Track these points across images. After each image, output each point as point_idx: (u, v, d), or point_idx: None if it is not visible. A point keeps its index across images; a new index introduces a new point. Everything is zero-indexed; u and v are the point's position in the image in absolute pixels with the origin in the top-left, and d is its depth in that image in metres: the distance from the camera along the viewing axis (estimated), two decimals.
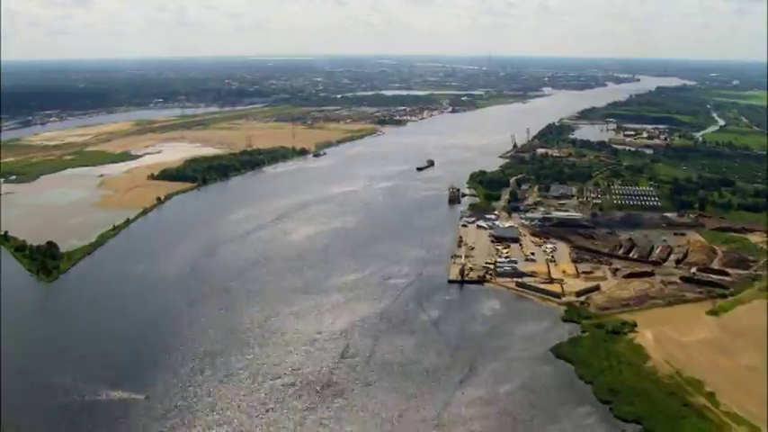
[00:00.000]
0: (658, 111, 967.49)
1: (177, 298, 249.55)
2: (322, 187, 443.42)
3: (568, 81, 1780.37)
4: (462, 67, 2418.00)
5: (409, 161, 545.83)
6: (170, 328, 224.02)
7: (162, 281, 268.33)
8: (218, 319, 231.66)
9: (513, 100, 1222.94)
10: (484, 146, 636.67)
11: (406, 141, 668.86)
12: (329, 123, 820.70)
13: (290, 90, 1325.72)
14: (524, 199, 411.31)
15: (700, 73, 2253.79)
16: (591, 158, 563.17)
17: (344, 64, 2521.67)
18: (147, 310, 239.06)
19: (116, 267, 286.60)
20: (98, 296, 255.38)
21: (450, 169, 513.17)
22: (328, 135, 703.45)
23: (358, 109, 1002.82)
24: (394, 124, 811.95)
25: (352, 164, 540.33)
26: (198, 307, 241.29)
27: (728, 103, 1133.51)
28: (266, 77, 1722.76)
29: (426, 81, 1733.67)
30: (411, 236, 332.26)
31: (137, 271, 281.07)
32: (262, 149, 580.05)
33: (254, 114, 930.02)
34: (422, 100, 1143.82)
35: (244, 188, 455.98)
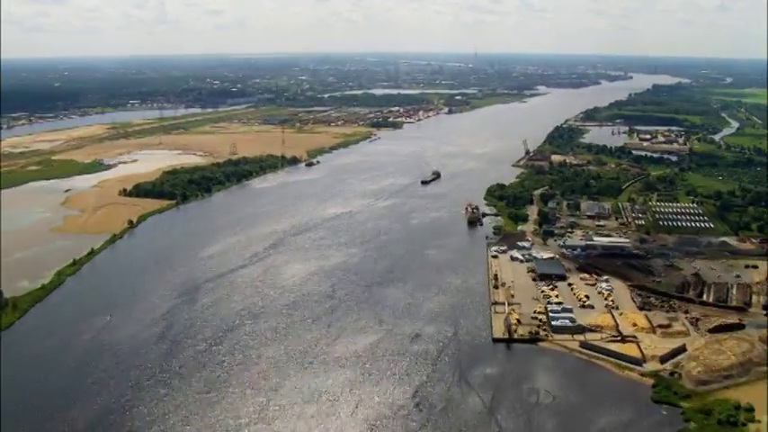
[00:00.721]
0: (664, 111, 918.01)
1: (144, 377, 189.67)
2: (317, 207, 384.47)
3: (561, 79, 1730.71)
4: (449, 65, 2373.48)
5: (411, 172, 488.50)
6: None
7: (127, 347, 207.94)
8: (197, 411, 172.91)
9: (509, 99, 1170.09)
10: (491, 153, 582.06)
11: (405, 148, 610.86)
12: (319, 126, 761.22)
13: (275, 89, 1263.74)
14: (556, 219, 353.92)
15: (689, 70, 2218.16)
16: (613, 167, 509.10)
17: (327, 61, 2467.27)
18: (106, 398, 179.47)
19: (71, 321, 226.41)
20: (41, 374, 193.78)
21: (460, 182, 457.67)
22: (320, 140, 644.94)
23: (348, 109, 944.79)
24: (389, 127, 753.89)
25: (348, 176, 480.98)
26: (171, 390, 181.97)
27: (733, 103, 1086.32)
28: (249, 76, 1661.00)
29: (415, 79, 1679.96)
30: (430, 273, 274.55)
31: (96, 327, 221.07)
32: (248, 158, 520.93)
33: (237, 116, 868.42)
34: (414, 99, 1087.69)
35: (229, 207, 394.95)
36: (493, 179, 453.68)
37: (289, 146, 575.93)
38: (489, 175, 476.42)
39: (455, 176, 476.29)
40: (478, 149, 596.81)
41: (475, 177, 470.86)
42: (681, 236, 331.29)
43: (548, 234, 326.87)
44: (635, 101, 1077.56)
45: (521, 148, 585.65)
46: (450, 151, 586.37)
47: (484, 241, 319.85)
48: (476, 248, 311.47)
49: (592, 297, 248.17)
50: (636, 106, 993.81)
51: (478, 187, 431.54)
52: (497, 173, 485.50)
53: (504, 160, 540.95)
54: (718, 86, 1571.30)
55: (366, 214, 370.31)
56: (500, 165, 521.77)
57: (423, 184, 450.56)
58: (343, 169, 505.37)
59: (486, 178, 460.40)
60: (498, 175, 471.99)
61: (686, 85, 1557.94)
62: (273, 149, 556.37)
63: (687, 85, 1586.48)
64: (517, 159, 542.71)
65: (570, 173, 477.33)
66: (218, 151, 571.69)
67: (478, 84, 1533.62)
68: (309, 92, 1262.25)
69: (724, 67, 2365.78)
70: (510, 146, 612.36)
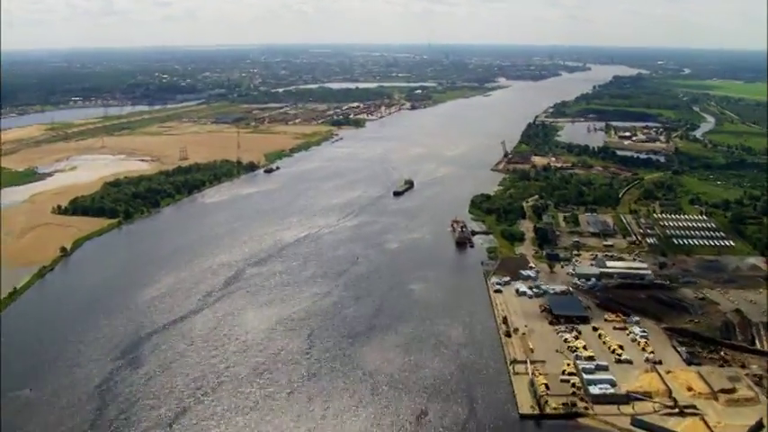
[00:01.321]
0: (634, 105, 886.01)
1: None
2: (278, 227, 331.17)
3: (521, 71, 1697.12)
4: (402, 56, 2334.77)
5: (380, 180, 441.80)
6: None
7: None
8: None
9: (470, 92, 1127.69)
10: (464, 155, 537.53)
11: (370, 150, 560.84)
12: (277, 125, 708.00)
13: (227, 84, 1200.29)
14: (556, 238, 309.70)
15: (645, 60, 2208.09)
16: (600, 170, 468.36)
17: (279, 54, 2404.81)
18: None
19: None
20: None
21: (437, 192, 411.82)
22: (278, 141, 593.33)
23: (306, 106, 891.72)
24: (351, 125, 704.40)
25: (311, 185, 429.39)
26: None
27: (701, 96, 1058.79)
28: (199, 69, 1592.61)
29: (370, 72, 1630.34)
30: (423, 317, 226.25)
31: (12, 407, 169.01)
32: (200, 164, 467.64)
33: (188, 114, 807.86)
34: (373, 94, 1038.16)
35: (178, 227, 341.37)
36: (473, 187, 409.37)
37: (245, 148, 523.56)
38: (468, 182, 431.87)
39: (430, 185, 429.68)
40: (450, 151, 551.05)
41: (453, 185, 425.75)
42: (701, 257, 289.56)
43: (552, 258, 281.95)
44: (602, 94, 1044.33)
45: (495, 148, 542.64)
46: (419, 153, 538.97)
47: (479, 269, 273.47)
48: (471, 279, 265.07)
49: (626, 347, 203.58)
50: (603, 100, 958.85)
51: (459, 198, 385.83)
52: (476, 179, 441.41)
53: (481, 164, 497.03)
54: (678, 78, 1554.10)
55: (335, 236, 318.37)
56: (477, 169, 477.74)
57: (395, 196, 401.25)
58: (305, 177, 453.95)
59: (466, 186, 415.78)
60: (478, 183, 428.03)
61: (647, 77, 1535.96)
62: (228, 153, 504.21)
63: (647, 76, 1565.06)
64: (495, 162, 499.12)
65: (557, 178, 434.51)
66: (166, 156, 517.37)
67: (436, 76, 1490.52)
68: (262, 86, 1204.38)
69: (678, 58, 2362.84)
70: (483, 146, 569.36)
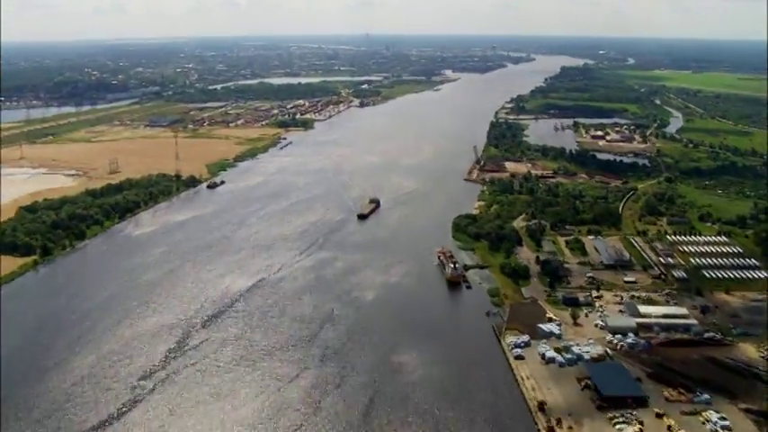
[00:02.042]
0: (594, 98, 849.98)
1: None
2: (224, 269, 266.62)
3: (465, 62, 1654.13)
4: (342, 48, 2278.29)
5: (339, 197, 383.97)
6: None
7: None
8: None
9: (419, 87, 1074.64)
10: (430, 162, 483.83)
11: (322, 157, 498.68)
12: (217, 128, 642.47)
13: (161, 81, 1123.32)
14: (565, 272, 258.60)
15: (585, 50, 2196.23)
16: (586, 178, 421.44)
17: (212, 47, 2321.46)
18: None
19: None
20: None
21: (408, 212, 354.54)
22: (221, 148, 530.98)
23: (247, 104, 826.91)
24: (299, 127, 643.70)
25: (261, 205, 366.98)
26: None
27: (658, 87, 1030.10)
28: (132, 64, 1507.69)
29: (311, 65, 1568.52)
30: (425, 410, 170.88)
31: None
32: (133, 180, 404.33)
33: (120, 116, 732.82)
34: (317, 90, 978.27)
35: (105, 270, 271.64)
36: (450, 204, 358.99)
37: (184, 157, 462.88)
38: (441, 197, 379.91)
39: (399, 203, 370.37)
40: (412, 157, 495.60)
41: (425, 202, 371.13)
42: (744, 296, 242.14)
43: (571, 303, 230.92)
44: (557, 87, 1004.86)
45: (460, 152, 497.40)
46: (378, 162, 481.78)
47: (485, 322, 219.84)
48: (479, 338, 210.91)
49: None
50: (560, 93, 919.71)
51: (437, 219, 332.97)
52: (451, 193, 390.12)
53: (450, 172, 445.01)
54: (624, 68, 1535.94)
55: (295, 282, 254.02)
56: (448, 180, 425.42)
57: (360, 219, 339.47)
58: (253, 195, 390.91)
59: (441, 203, 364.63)
60: (454, 198, 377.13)
61: (593, 67, 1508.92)
62: (165, 163, 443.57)
63: (594, 66, 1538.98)
64: (467, 170, 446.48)
65: (542, 190, 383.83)
66: (95, 168, 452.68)
67: (379, 69, 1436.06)
68: (199, 83, 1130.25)
69: (618, 47, 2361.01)
70: (446, 150, 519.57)
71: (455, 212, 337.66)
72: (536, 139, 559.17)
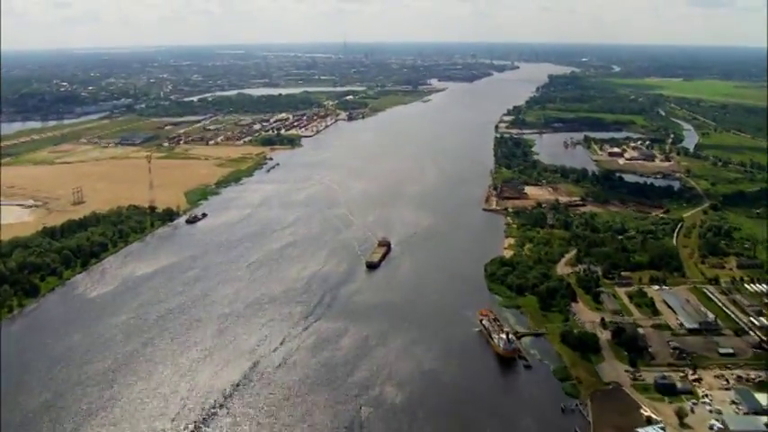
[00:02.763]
0: (594, 110, 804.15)
1: None
2: (197, 352, 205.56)
3: (449, 71, 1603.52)
4: (320, 57, 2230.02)
5: (338, 236, 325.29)
6: None
7: None
8: None
9: (407, 98, 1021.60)
10: (438, 188, 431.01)
11: (315, 183, 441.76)
12: (196, 146, 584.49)
13: (134, 92, 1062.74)
14: (645, 342, 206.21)
15: (567, 57, 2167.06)
16: (620, 206, 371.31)
17: (187, 56, 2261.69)
18: None
19: None
20: None
21: (427, 256, 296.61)
22: (200, 171, 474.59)
23: (227, 118, 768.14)
24: (285, 144, 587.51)
25: (245, 249, 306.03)
26: None
27: (655, 96, 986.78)
28: (103, 75, 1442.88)
29: (290, 75, 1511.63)
30: None
31: None
32: (100, 213, 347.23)
33: (88, 132, 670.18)
34: (299, 102, 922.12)
35: (56, 353, 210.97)
36: (474, 243, 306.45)
37: (159, 183, 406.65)
38: (462, 234, 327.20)
39: (413, 245, 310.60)
40: (416, 183, 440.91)
41: (445, 243, 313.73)
42: None
43: (667, 391, 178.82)
44: (553, 97, 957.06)
45: (469, 174, 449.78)
46: (379, 189, 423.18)
47: (563, 423, 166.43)
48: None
49: None
50: (558, 104, 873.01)
51: (464, 266, 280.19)
52: (471, 229, 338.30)
53: (464, 200, 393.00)
54: (612, 76, 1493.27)
55: (293, 373, 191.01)
56: (464, 211, 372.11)
57: (369, 269, 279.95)
58: (236, 234, 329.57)
59: (464, 243, 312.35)
60: (475, 235, 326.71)
61: (581, 75, 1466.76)
62: (137, 191, 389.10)
63: (581, 75, 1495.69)
64: (484, 198, 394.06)
65: (578, 222, 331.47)
66: (56, 197, 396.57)
67: (361, 79, 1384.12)
68: (174, 94, 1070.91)
69: (599, 54, 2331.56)
70: (453, 173, 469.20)
71: (483, 255, 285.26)
72: (548, 158, 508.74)
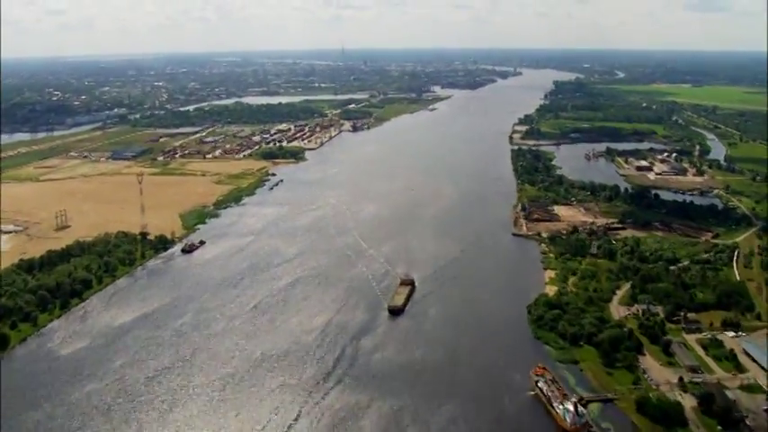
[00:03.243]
0: (608, 118, 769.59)
1: None
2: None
3: (451, 77, 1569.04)
4: (318, 63, 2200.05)
5: (352, 271, 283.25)
6: None
7: None
8: None
9: (412, 106, 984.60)
10: (457, 209, 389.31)
11: (322, 204, 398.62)
12: (192, 160, 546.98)
13: (128, 102, 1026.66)
14: (740, 416, 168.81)
15: (567, 63, 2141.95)
16: (664, 230, 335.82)
17: (184, 63, 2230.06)
18: None
19: None
20: None
21: (456, 297, 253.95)
22: (197, 189, 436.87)
23: (225, 129, 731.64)
24: (287, 158, 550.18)
25: (245, 287, 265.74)
26: None
27: (668, 103, 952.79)
28: (98, 83, 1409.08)
29: (289, 83, 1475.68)
30: None
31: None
32: (84, 242, 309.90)
33: (78, 145, 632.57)
34: (300, 111, 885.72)
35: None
36: (511, 279, 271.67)
37: (152, 203, 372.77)
38: (492, 266, 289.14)
39: (439, 281, 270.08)
40: (434, 203, 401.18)
41: (476, 278, 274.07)
42: None
43: None
44: (563, 104, 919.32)
45: (490, 191, 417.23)
46: (393, 212, 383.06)
47: None
48: None
49: None
50: (571, 113, 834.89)
51: (502, 307, 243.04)
52: (503, 260, 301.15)
53: (490, 224, 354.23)
54: (618, 82, 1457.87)
55: None
56: (492, 237, 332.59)
57: (392, 315, 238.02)
58: (234, 269, 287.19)
59: (497, 277, 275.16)
60: (509, 266, 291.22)
61: (587, 82, 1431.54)
62: (128, 212, 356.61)
63: (587, 81, 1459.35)
64: (510, 218, 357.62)
65: (622, 251, 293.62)
66: (38, 221, 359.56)
67: (362, 86, 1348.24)
68: (169, 104, 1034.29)
69: (600, 59, 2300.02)
70: (472, 191, 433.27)
71: (522, 292, 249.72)
72: (571, 172, 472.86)
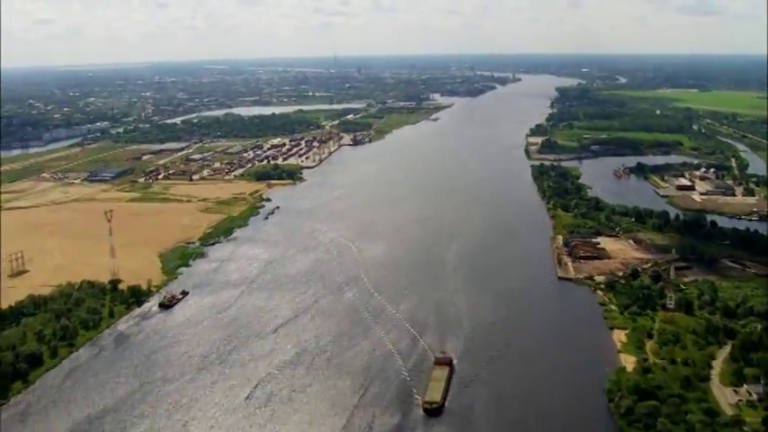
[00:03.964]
0: (626, 128, 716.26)
1: None
2: None
3: (450, 85, 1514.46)
4: (310, 71, 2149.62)
5: (365, 338, 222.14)
6: None
7: None
8: None
9: (414, 117, 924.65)
10: (485, 244, 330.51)
11: (328, 243, 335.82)
12: (177, 182, 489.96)
13: (112, 113, 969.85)
14: None
15: (565, 68, 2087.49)
16: (739, 269, 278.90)
17: (173, 72, 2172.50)
18: None
19: None
20: None
21: (505, 383, 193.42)
22: (182, 220, 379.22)
23: (214, 144, 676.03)
24: (283, 179, 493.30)
25: (235, 366, 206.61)
26: None
27: (685, 111, 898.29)
28: (83, 94, 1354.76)
29: (281, 91, 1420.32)
30: None
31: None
32: (41, 297, 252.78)
33: (53, 164, 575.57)
34: (295, 122, 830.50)
35: None
36: (572, 349, 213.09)
37: (128, 239, 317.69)
38: (543, 330, 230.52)
39: (479, 356, 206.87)
40: (455, 238, 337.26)
41: (528, 352, 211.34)
42: None
43: None
44: (574, 113, 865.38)
45: (518, 220, 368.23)
46: (409, 252, 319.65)
47: None
48: None
49: None
50: (583, 122, 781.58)
51: (568, 391, 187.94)
52: (556, 318, 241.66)
53: (528, 266, 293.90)
54: (621, 88, 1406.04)
55: None
56: (534, 285, 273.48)
57: (428, 416, 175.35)
58: (220, 338, 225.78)
59: (553, 348, 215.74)
60: (566, 329, 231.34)
61: (590, 87, 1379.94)
62: (99, 251, 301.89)
63: (590, 86, 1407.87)
64: (550, 256, 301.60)
65: (703, 302, 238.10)
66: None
67: (357, 95, 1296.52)
68: (156, 115, 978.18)
69: (591, 63, 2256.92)
70: (496, 218, 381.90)
71: (589, 365, 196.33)
72: (605, 194, 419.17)
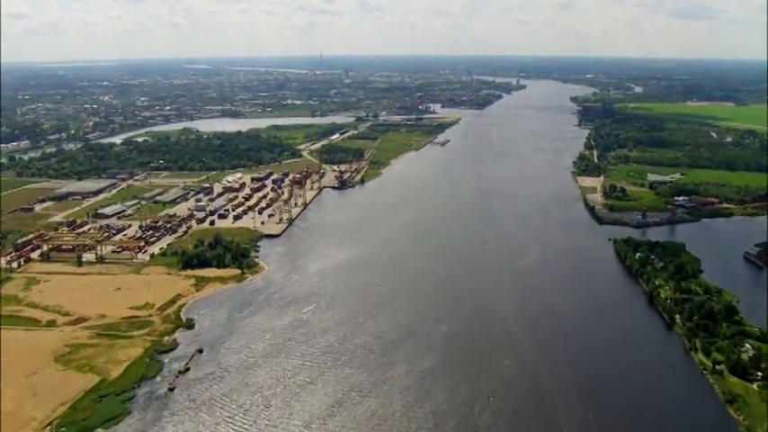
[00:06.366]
0: (692, 162, 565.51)
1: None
2: None
3: (451, 93, 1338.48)
4: (293, 72, 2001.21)
5: None
6: None
7: None
8: None
9: (415, 138, 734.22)
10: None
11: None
12: (57, 268, 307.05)
13: (47, 126, 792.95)
14: None
15: (566, 73, 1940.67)
16: None
17: (147, 71, 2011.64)
18: None
19: None
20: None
21: None
22: (6, 392, 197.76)
23: (149, 183, 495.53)
24: (227, 267, 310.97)
25: None
26: None
27: (745, 133, 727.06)
28: (34, 97, 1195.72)
29: (256, 98, 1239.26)
30: None
31: None
32: None
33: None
34: (266, 147, 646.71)
35: None
36: None
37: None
38: None
39: None
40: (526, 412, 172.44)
41: None
42: None
43: None
44: (621, 138, 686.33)
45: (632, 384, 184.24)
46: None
47: None
48: None
49: None
50: (635, 152, 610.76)
51: None
52: None
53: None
54: (641, 99, 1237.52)
55: None
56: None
57: None
58: None
59: None
60: None
61: (607, 98, 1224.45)
62: None
63: (607, 97, 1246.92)
64: None
65: None
66: None
67: (344, 103, 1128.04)
68: (96, 131, 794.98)
69: (595, 68, 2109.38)
70: (589, 371, 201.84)
71: None
72: (753, 310, 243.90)
